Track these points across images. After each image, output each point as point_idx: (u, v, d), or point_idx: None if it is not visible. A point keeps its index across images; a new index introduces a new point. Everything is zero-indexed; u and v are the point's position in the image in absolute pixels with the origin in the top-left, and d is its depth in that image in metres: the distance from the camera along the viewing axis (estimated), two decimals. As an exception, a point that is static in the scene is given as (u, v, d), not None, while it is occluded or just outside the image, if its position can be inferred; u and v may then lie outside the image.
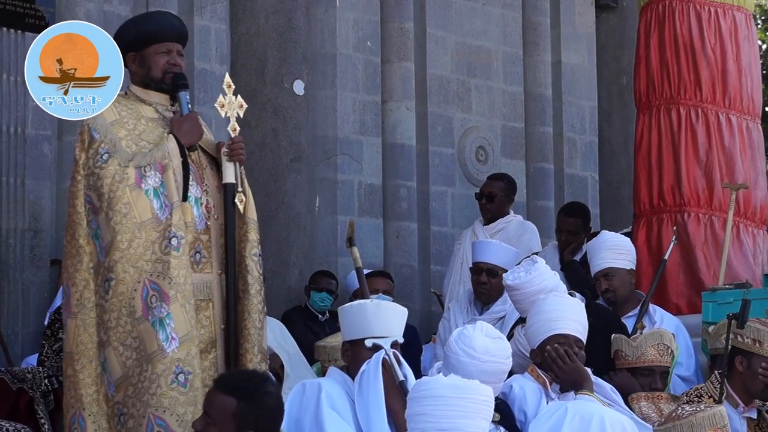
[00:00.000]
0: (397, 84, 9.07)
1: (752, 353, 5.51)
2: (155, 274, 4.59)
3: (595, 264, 6.52)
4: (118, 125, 4.77)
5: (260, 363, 4.75)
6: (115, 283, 4.60)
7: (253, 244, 4.86)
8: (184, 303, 4.60)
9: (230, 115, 4.94)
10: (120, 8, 7.74)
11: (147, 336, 4.55)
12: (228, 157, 4.87)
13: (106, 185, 4.65)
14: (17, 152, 7.34)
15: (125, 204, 4.64)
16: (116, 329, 4.60)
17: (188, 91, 4.92)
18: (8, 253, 7.28)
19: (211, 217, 4.84)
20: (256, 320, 4.78)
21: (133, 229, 4.62)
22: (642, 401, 5.48)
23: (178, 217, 4.66)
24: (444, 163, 9.34)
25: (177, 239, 4.63)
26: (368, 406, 4.55)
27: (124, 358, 4.58)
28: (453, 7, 9.51)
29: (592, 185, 10.40)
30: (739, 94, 7.38)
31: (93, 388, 4.65)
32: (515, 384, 5.15)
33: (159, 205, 4.67)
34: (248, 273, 4.82)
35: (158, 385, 4.52)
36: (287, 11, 8.43)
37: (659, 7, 7.51)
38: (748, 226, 7.25)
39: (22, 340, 7.25)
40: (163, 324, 4.55)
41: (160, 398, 4.51)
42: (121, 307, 4.60)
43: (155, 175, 4.69)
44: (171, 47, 4.92)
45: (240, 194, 4.85)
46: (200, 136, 4.88)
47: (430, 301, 8.96)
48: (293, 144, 8.37)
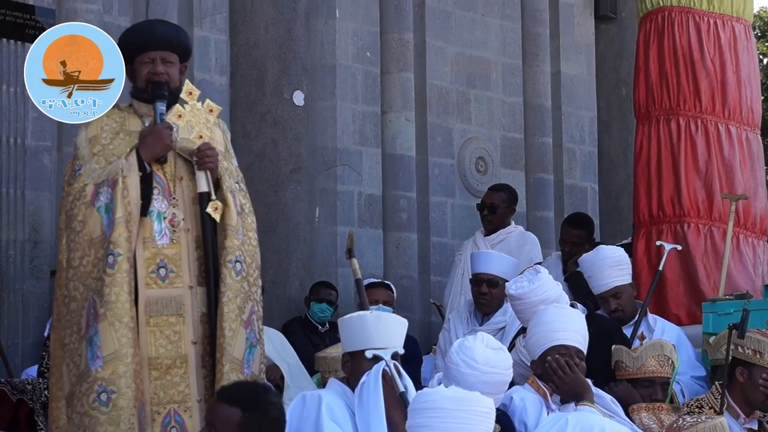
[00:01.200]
0: (396, 95, 9.08)
1: (753, 364, 5.51)
2: (95, 291, 4.58)
3: (601, 283, 6.43)
4: (95, 140, 4.75)
5: (230, 373, 4.66)
6: (68, 300, 4.62)
7: (230, 250, 4.74)
8: (113, 321, 4.53)
9: (194, 123, 4.82)
10: (119, 19, 7.75)
11: (82, 354, 4.56)
12: (198, 166, 4.78)
13: (68, 203, 4.69)
14: (17, 163, 7.35)
15: (79, 222, 4.63)
16: (69, 346, 4.62)
17: (165, 101, 4.80)
18: (8, 264, 7.28)
19: (179, 230, 4.77)
20: (226, 329, 4.68)
21: (84, 247, 4.61)
22: (642, 412, 5.47)
23: (118, 234, 4.58)
24: (444, 173, 9.34)
25: (113, 256, 4.56)
26: (368, 418, 4.54)
27: (71, 375, 4.60)
28: (452, 18, 9.52)
29: (592, 196, 10.41)
30: (738, 105, 7.39)
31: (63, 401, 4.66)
32: (516, 395, 5.14)
33: (108, 221, 4.61)
34: (222, 281, 4.72)
35: (82, 404, 4.52)
36: (287, 22, 8.44)
37: (658, 17, 7.52)
38: (748, 236, 7.25)
39: (22, 351, 7.24)
40: (92, 342, 4.53)
41: (82, 417, 4.51)
42: (73, 325, 4.61)
43: (107, 192, 4.64)
44: (153, 56, 4.84)
45: (215, 202, 4.76)
46: (164, 148, 4.75)
47: (430, 312, 8.95)
48: (293, 155, 8.37)
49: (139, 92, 4.86)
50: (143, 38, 4.90)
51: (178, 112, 4.83)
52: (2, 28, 7.35)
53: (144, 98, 4.85)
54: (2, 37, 7.36)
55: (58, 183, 7.45)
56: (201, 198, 4.78)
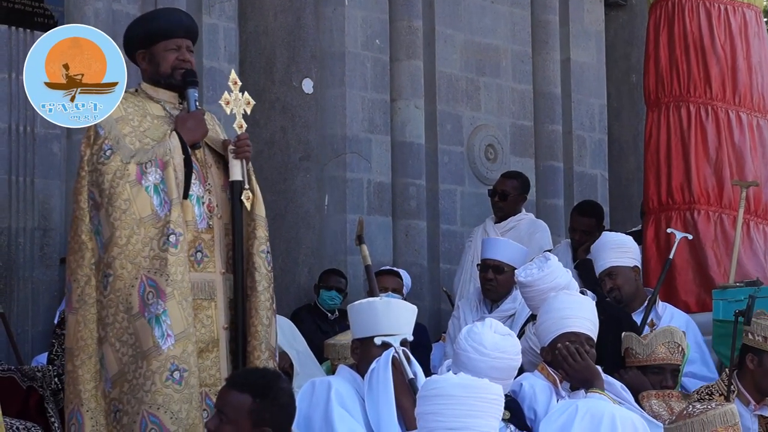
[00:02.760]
0: (406, 82, 9.06)
1: (763, 351, 5.50)
2: (153, 270, 4.57)
3: (599, 265, 6.51)
4: (123, 122, 4.74)
5: (268, 360, 4.72)
6: (112, 279, 4.59)
7: (261, 240, 4.83)
8: (180, 300, 4.57)
9: (236, 112, 4.93)
10: (128, 6, 7.74)
11: (143, 333, 4.53)
12: (234, 155, 4.85)
13: (107, 181, 4.64)
14: (27, 151, 7.35)
15: (125, 200, 4.62)
16: (113, 325, 4.59)
17: (197, 88, 4.90)
18: (18, 252, 7.29)
19: (213, 216, 4.81)
20: (263, 317, 4.75)
21: (132, 225, 4.60)
22: (653, 399, 5.46)
23: (177, 214, 4.63)
24: (453, 161, 9.33)
25: (175, 236, 4.59)
26: (378, 404, 4.54)
27: (120, 354, 4.57)
28: (462, 5, 9.50)
29: (602, 183, 10.39)
30: (749, 92, 7.36)
31: (92, 384, 4.63)
32: (525, 382, 5.13)
33: (159, 201, 4.64)
34: (256, 270, 4.80)
35: (153, 382, 4.49)
36: (296, 9, 8.43)
37: (669, 4, 7.48)
38: (758, 223, 7.22)
39: (32, 338, 7.25)
40: (159, 321, 4.53)
41: (154, 395, 4.49)
42: (119, 304, 4.58)
43: (156, 172, 4.66)
44: (180, 43, 4.89)
45: (247, 191, 4.83)
46: (204, 134, 4.84)
47: (439, 299, 8.95)
48: (302, 142, 8.37)
49: (163, 78, 4.87)
50: (170, 25, 4.92)
51: (226, 99, 4.92)
52: (11, 16, 7.35)
53: (167, 84, 4.87)
54: (11, 25, 7.35)
55: (68, 171, 7.46)
56: (233, 186, 4.83)
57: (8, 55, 7.31)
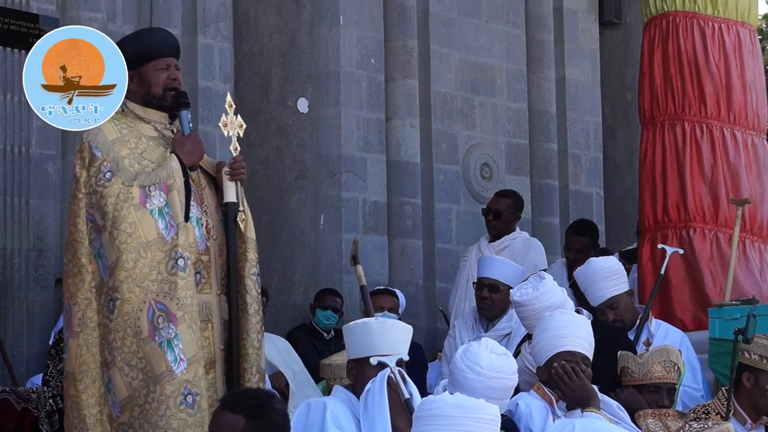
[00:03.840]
0: (401, 101, 9.08)
1: (759, 369, 5.49)
2: (161, 294, 4.56)
3: (596, 296, 6.40)
4: (120, 143, 4.71)
5: (258, 382, 4.73)
6: (120, 303, 4.56)
7: (252, 263, 4.84)
8: (191, 324, 4.58)
9: (231, 135, 4.94)
10: (124, 27, 7.75)
11: (154, 357, 4.52)
12: (229, 177, 4.85)
13: (110, 204, 4.61)
14: (21, 172, 7.35)
15: (130, 223, 4.60)
16: (121, 349, 4.57)
17: (189, 109, 4.89)
18: (13, 273, 7.27)
19: (210, 237, 4.81)
20: (254, 340, 4.77)
21: (138, 249, 4.58)
22: (649, 418, 5.45)
23: (184, 238, 4.63)
24: (448, 180, 9.33)
25: (183, 260, 4.60)
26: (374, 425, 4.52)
27: (129, 378, 4.55)
28: (456, 24, 9.52)
29: (597, 201, 10.39)
30: (743, 110, 7.37)
31: (96, 408, 4.62)
32: (521, 402, 5.12)
33: (164, 225, 4.63)
34: (247, 293, 4.80)
35: (167, 407, 4.49)
36: (291, 29, 8.44)
37: (663, 23, 7.50)
38: (754, 241, 7.22)
39: (27, 359, 7.23)
40: (171, 345, 4.53)
41: (169, 420, 4.48)
42: (126, 327, 4.56)
43: (160, 195, 4.65)
44: (169, 62, 4.88)
45: (241, 213, 4.84)
46: (202, 155, 4.85)
47: (435, 318, 8.94)
48: (297, 162, 8.37)
49: (155, 98, 4.85)
50: (159, 44, 4.92)
51: (224, 122, 4.93)
52: (6, 37, 7.35)
53: (159, 105, 4.86)
54: (6, 46, 7.36)
55: (63, 191, 7.45)
56: (228, 208, 4.83)
57: (3, 76, 7.31)
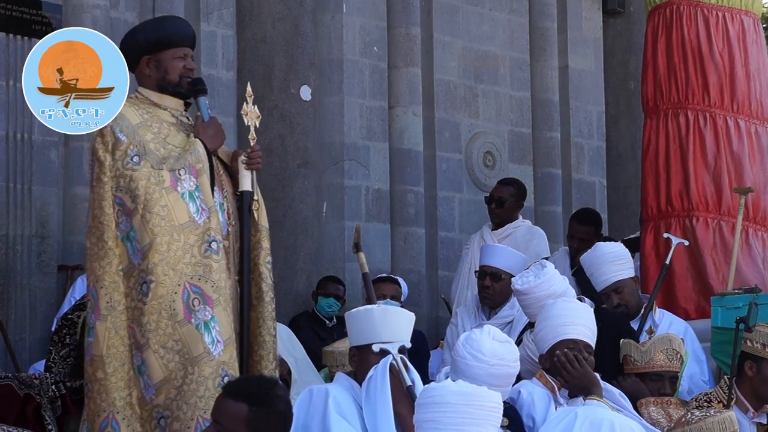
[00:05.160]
0: (404, 89, 9.06)
1: (762, 358, 5.49)
2: (196, 277, 4.58)
3: (601, 280, 6.40)
4: (144, 128, 4.74)
5: (274, 370, 4.79)
6: (154, 285, 4.56)
7: (266, 252, 4.88)
8: (225, 306, 4.62)
9: (249, 124, 4.97)
10: (126, 14, 7.74)
11: (191, 339, 4.54)
12: (246, 166, 4.88)
13: (141, 187, 4.61)
14: (24, 158, 7.34)
15: (162, 206, 4.61)
16: (156, 332, 4.57)
17: (207, 96, 4.92)
18: (15, 260, 7.27)
19: (230, 223, 4.85)
20: (270, 327, 4.82)
21: (171, 232, 4.60)
22: (651, 406, 5.45)
23: (216, 221, 4.68)
24: (451, 168, 9.32)
25: (216, 243, 4.64)
26: (376, 412, 4.53)
27: (165, 360, 4.56)
28: (460, 12, 9.50)
29: (600, 190, 10.39)
30: (747, 99, 7.36)
31: (125, 391, 4.62)
32: (523, 389, 5.12)
33: (195, 208, 4.66)
34: (262, 281, 4.84)
35: (206, 388, 4.52)
36: (294, 17, 8.43)
37: (667, 11, 7.49)
38: (757, 230, 7.22)
39: (29, 346, 7.24)
40: (209, 327, 4.55)
41: (208, 401, 4.48)
42: (161, 310, 4.57)
43: (190, 179, 4.67)
44: (186, 52, 4.93)
45: (255, 202, 4.89)
46: (223, 141, 4.90)
47: (437, 306, 8.94)
48: (300, 150, 8.37)
49: (171, 85, 4.88)
50: (178, 33, 4.96)
51: (245, 110, 5.00)
52: (9, 24, 7.34)
53: (173, 91, 4.89)
54: (9, 33, 7.35)
55: (65, 178, 7.46)
56: (243, 197, 4.86)
57: (5, 63, 7.31)
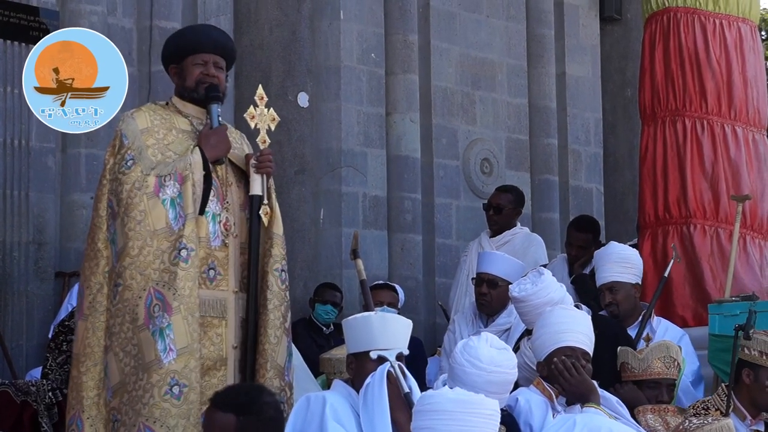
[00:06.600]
0: (401, 96, 9.07)
1: (759, 366, 5.49)
2: (161, 283, 4.59)
3: (601, 276, 6.48)
4: (148, 133, 4.77)
5: (273, 378, 4.75)
6: (122, 288, 4.61)
7: (276, 259, 4.85)
8: (186, 315, 4.59)
9: (261, 127, 4.96)
10: (124, 21, 7.75)
11: (146, 344, 4.55)
12: (255, 169, 4.88)
13: (125, 191, 4.66)
14: (21, 165, 7.34)
15: (140, 211, 4.64)
16: (119, 335, 4.61)
17: (221, 104, 4.92)
18: (12, 266, 7.27)
19: (230, 234, 4.82)
20: (271, 336, 4.77)
21: (146, 237, 4.62)
22: (648, 414, 5.45)
23: (191, 229, 4.65)
24: (449, 175, 9.33)
25: (187, 251, 4.62)
26: (373, 419, 4.52)
27: (123, 364, 4.59)
28: (457, 19, 9.51)
29: (597, 197, 10.39)
30: (744, 106, 7.36)
31: (94, 391, 4.66)
32: (521, 397, 5.12)
33: (174, 215, 4.66)
34: (268, 289, 4.81)
35: (151, 395, 4.51)
36: (291, 23, 8.43)
37: (664, 18, 7.49)
38: (754, 238, 7.22)
39: (26, 352, 7.24)
40: (163, 334, 4.54)
41: (151, 408, 4.50)
42: (125, 314, 4.60)
43: (174, 186, 4.68)
44: (207, 58, 4.92)
45: (265, 207, 4.87)
46: (227, 150, 4.87)
47: (434, 313, 8.94)
48: (298, 156, 8.36)
49: (187, 91, 4.91)
50: (199, 39, 4.97)
51: (251, 114, 4.99)
52: (6, 30, 7.35)
53: (191, 98, 4.91)
54: (6, 39, 7.36)
55: (62, 185, 7.46)
56: (252, 201, 4.86)
57: (3, 69, 7.31)
